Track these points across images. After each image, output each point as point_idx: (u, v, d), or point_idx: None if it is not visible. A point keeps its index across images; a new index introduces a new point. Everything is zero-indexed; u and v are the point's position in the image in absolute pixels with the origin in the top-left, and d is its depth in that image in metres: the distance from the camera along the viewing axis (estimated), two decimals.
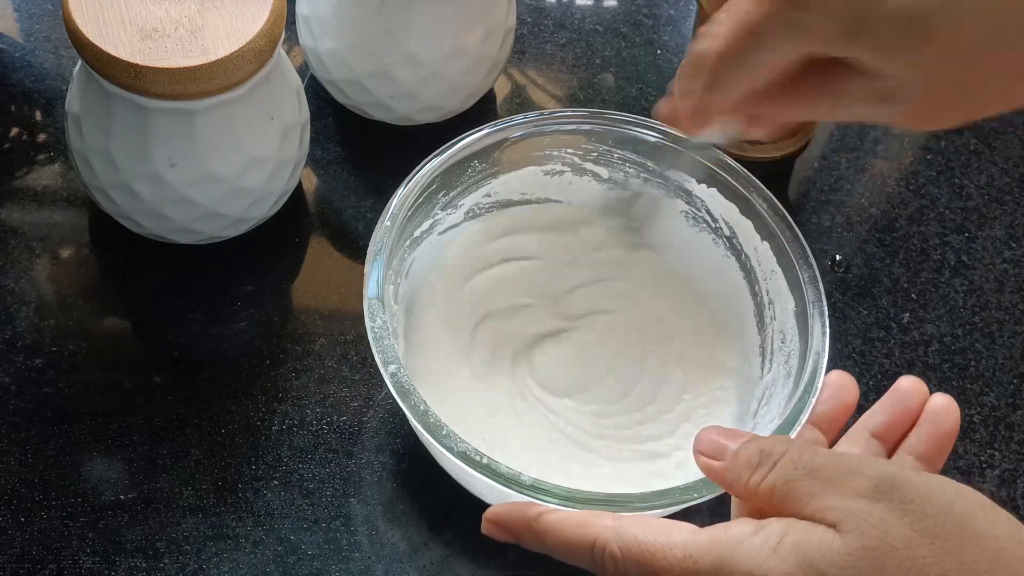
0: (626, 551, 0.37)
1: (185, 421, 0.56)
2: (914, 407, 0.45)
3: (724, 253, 0.56)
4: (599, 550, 0.38)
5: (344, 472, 0.55)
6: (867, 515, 0.34)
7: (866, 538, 0.34)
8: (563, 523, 0.40)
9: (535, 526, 0.41)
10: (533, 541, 0.41)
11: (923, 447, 0.44)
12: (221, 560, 0.52)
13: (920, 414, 0.45)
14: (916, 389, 0.46)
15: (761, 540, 0.35)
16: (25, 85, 0.67)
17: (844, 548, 0.34)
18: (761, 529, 0.36)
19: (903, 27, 0.33)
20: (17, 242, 0.61)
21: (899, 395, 0.46)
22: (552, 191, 0.58)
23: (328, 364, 0.58)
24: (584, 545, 0.39)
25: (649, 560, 0.37)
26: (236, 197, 0.56)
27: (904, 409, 0.45)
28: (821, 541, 0.34)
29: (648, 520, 0.38)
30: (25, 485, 0.53)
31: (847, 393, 0.47)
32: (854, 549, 0.34)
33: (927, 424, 0.45)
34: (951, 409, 0.45)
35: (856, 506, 0.34)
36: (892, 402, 0.46)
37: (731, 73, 0.38)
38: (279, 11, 0.52)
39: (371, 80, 0.61)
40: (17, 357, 0.57)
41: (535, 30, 0.72)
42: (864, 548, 0.34)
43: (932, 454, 0.44)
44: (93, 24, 0.50)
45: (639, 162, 0.56)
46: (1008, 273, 0.64)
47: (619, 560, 0.38)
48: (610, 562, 0.38)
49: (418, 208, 0.52)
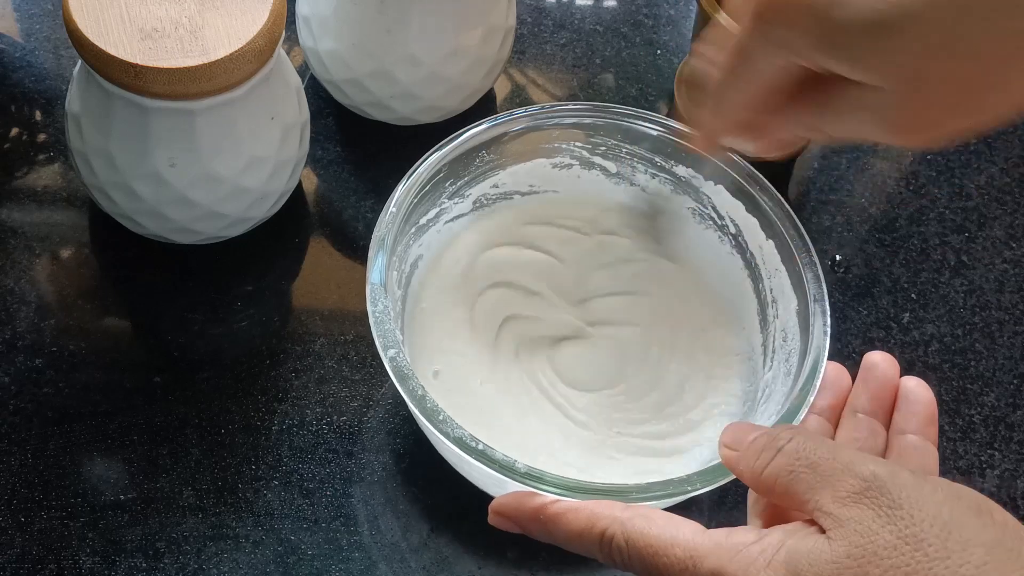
0: (631, 544, 0.38)
1: (185, 421, 0.56)
2: (889, 376, 0.47)
3: (730, 251, 0.56)
4: (606, 541, 0.39)
5: (344, 472, 0.55)
6: (855, 522, 0.35)
7: (852, 546, 0.34)
8: (571, 513, 0.40)
9: (542, 516, 0.41)
10: (540, 531, 0.41)
11: (913, 424, 0.46)
12: (221, 560, 0.52)
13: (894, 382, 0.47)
14: (883, 361, 0.47)
15: (759, 550, 0.36)
16: (25, 85, 0.67)
17: (831, 556, 0.34)
18: (761, 539, 0.36)
19: (868, 31, 0.33)
20: (17, 242, 0.61)
21: (871, 371, 0.47)
22: (560, 184, 0.58)
23: (328, 364, 0.58)
24: (592, 535, 0.39)
25: (651, 556, 0.38)
26: (236, 197, 0.56)
27: (882, 382, 0.47)
28: (811, 551, 0.35)
29: (656, 514, 0.39)
30: (25, 485, 0.53)
31: (843, 382, 0.49)
32: (840, 557, 0.34)
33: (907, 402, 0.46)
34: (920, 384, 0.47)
35: (845, 512, 0.35)
36: (869, 379, 0.47)
37: (728, 92, 0.40)
38: (279, 11, 0.52)
39: (371, 80, 0.61)
40: (17, 357, 0.57)
41: (535, 30, 0.72)
42: (849, 556, 0.34)
43: (923, 427, 0.46)
44: (93, 24, 0.50)
45: (647, 157, 0.56)
46: (1008, 273, 0.64)
47: (624, 552, 0.38)
48: (616, 553, 0.39)
49: (424, 196, 0.52)
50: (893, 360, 0.47)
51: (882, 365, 0.47)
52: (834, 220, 0.66)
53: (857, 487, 0.35)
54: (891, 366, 0.47)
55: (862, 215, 0.66)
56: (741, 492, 0.55)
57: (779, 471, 0.38)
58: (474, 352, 0.54)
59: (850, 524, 0.35)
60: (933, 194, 0.67)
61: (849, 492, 0.35)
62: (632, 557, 0.38)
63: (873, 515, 0.35)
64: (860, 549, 0.34)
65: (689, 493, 0.45)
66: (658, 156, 0.56)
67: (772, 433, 0.39)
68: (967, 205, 0.67)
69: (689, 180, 0.56)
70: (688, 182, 0.56)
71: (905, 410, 0.46)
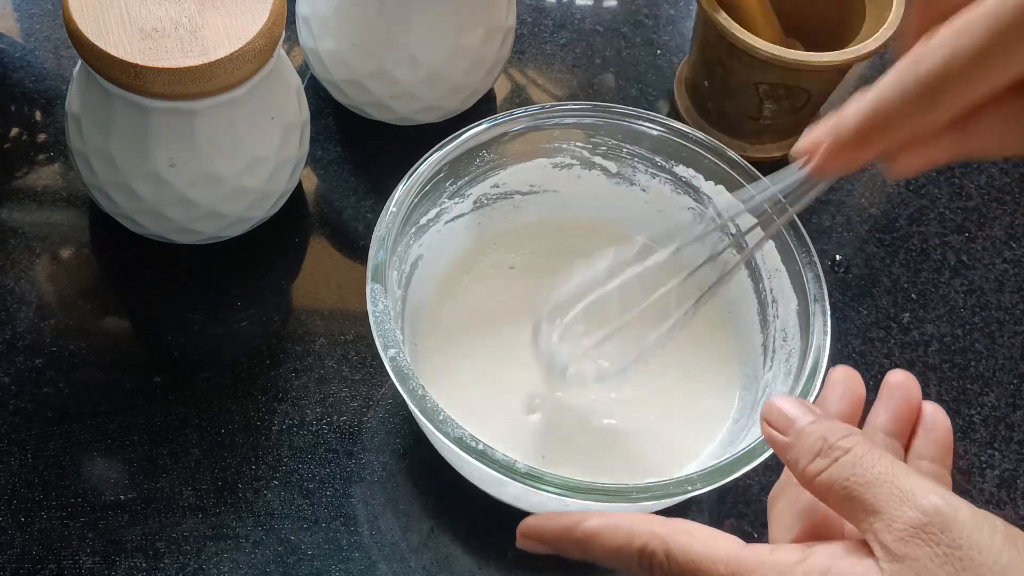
0: (672, 560, 0.37)
1: (185, 421, 0.56)
2: (911, 398, 0.46)
3: (730, 252, 0.56)
4: (646, 556, 0.38)
5: (344, 472, 0.55)
6: (911, 559, 0.34)
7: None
8: (608, 530, 0.39)
9: (576, 535, 0.40)
10: (574, 550, 0.40)
11: (931, 451, 0.45)
12: (221, 560, 0.52)
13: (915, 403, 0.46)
14: (907, 381, 0.46)
15: (803, 572, 0.35)
16: (25, 85, 0.67)
17: None
18: (805, 560, 0.36)
19: None
20: (17, 242, 0.61)
21: (894, 390, 0.46)
22: (561, 184, 0.58)
23: (328, 364, 0.58)
24: (631, 552, 0.39)
25: (693, 572, 0.37)
26: (236, 197, 0.56)
27: (904, 403, 0.46)
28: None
29: (696, 528, 0.38)
30: (25, 485, 0.53)
31: (857, 387, 0.48)
32: None
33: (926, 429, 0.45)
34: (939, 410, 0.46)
35: (901, 548, 0.34)
36: (890, 398, 0.46)
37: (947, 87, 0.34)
38: (279, 11, 0.52)
39: (371, 80, 0.61)
40: (17, 357, 0.57)
41: (535, 30, 0.72)
42: None
43: (942, 455, 0.45)
44: (93, 24, 0.50)
45: (647, 157, 0.56)
46: (1008, 273, 0.64)
47: (665, 567, 0.38)
48: (657, 569, 0.38)
49: (425, 196, 0.53)
50: (916, 381, 0.46)
51: (906, 385, 0.46)
52: (834, 220, 0.66)
53: (916, 521, 0.34)
54: (914, 386, 0.46)
55: (862, 215, 0.66)
56: (741, 492, 0.55)
57: (833, 483, 0.36)
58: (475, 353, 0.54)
59: (906, 560, 0.34)
60: (933, 194, 0.67)
61: (907, 525, 0.34)
62: (674, 573, 0.37)
63: (931, 554, 0.34)
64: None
65: (689, 493, 0.45)
66: (658, 156, 0.56)
67: (829, 437, 0.37)
68: (967, 205, 0.67)
69: (689, 180, 0.56)
70: (688, 182, 0.56)
71: (925, 436, 0.45)
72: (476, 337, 0.55)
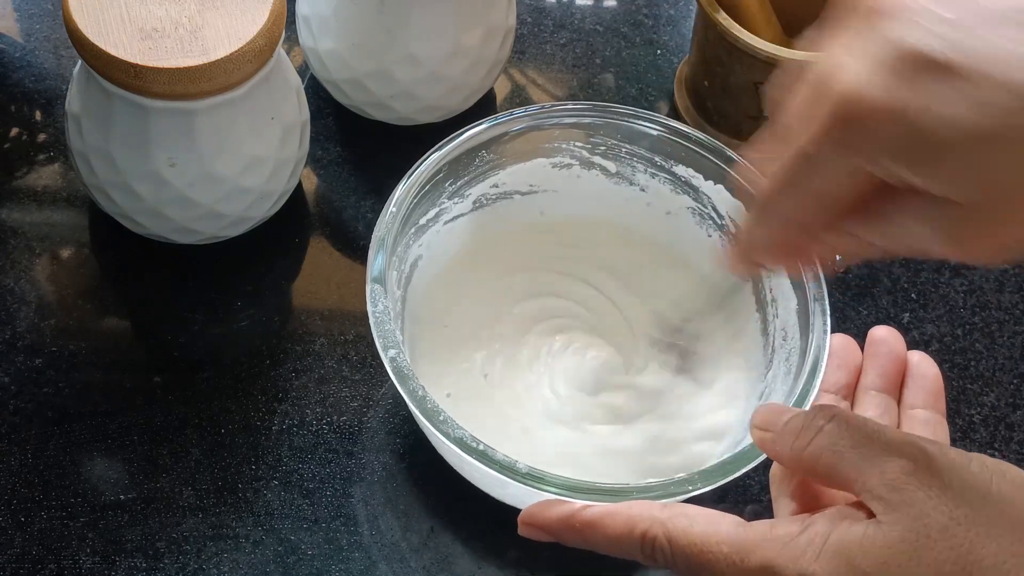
0: (675, 543, 0.38)
1: (185, 421, 0.56)
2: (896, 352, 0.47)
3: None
4: (648, 542, 0.38)
5: (344, 472, 0.55)
6: (906, 505, 0.34)
7: (905, 530, 0.34)
8: (607, 518, 0.40)
9: (575, 522, 0.40)
10: (574, 538, 0.41)
11: (922, 399, 0.46)
12: (221, 560, 0.52)
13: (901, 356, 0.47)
14: (889, 335, 0.47)
15: (806, 541, 0.35)
16: (25, 85, 0.67)
17: (884, 542, 0.34)
18: (806, 529, 0.36)
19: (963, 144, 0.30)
20: (17, 242, 0.61)
21: (879, 345, 0.47)
22: (560, 184, 0.58)
23: (328, 364, 0.58)
24: (632, 538, 0.39)
25: (697, 554, 0.37)
26: (236, 197, 0.56)
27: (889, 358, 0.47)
28: (863, 539, 0.35)
29: (695, 511, 0.38)
30: (25, 485, 0.53)
31: (852, 355, 0.48)
32: (893, 542, 0.34)
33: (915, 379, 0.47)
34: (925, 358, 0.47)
35: (895, 495, 0.35)
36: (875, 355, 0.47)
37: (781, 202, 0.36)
38: (279, 11, 0.52)
39: (371, 80, 0.61)
40: (17, 357, 0.57)
41: (535, 30, 0.72)
42: (903, 541, 0.34)
43: (933, 401, 0.46)
44: (93, 24, 0.50)
45: (647, 157, 0.56)
46: (1008, 273, 0.64)
47: (667, 552, 0.38)
48: (660, 554, 0.38)
49: (424, 196, 0.52)
50: (898, 334, 0.47)
51: (889, 340, 0.47)
52: None
53: (906, 468, 0.35)
54: (897, 340, 0.47)
55: None
56: (741, 492, 0.55)
57: (821, 451, 0.37)
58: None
59: (902, 508, 0.34)
60: None
61: (898, 473, 0.35)
62: (676, 557, 0.38)
63: (924, 496, 0.34)
64: (913, 533, 0.34)
65: (689, 493, 0.45)
66: (658, 156, 0.56)
67: (810, 414, 0.38)
68: None
69: (689, 180, 0.56)
70: (688, 182, 0.56)
71: (913, 385, 0.46)
72: (476, 337, 0.55)
